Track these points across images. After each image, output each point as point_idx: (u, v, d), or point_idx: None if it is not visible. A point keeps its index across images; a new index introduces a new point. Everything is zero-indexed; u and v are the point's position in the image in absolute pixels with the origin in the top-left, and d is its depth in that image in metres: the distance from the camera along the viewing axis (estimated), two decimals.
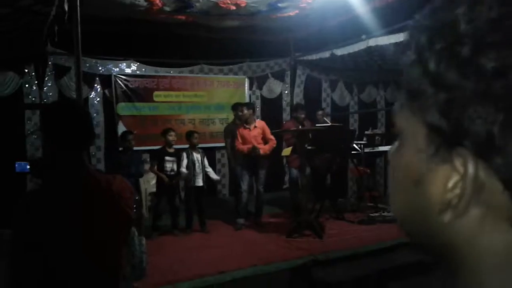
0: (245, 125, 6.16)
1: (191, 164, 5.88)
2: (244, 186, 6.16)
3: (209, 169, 6.13)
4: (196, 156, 5.97)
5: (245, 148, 6.03)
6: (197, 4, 6.74)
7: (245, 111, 6.17)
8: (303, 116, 6.67)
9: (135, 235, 2.06)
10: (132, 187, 1.84)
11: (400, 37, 6.68)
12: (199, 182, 5.96)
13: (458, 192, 0.37)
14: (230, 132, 6.47)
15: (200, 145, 6.19)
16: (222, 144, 7.39)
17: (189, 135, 6.06)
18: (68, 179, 1.62)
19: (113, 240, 1.68)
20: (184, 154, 5.95)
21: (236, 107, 6.53)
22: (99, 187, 1.64)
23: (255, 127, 6.20)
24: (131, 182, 2.26)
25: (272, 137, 6.23)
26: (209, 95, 8.03)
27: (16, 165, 4.94)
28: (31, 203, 1.54)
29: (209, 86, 8.06)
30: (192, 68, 8.08)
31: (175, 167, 5.91)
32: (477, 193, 0.36)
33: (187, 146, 6.20)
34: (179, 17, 7.01)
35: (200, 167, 5.96)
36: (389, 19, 6.80)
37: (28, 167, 4.74)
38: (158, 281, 3.87)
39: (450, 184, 0.37)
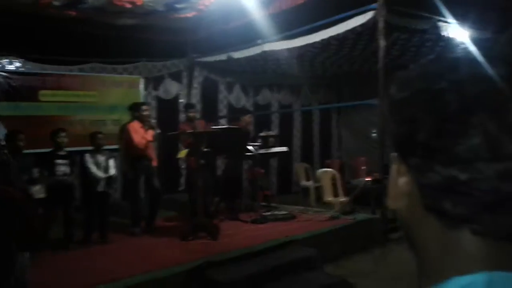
0: (142, 124, 6.02)
1: (95, 168, 5.58)
2: (141, 192, 6.04)
3: (113, 175, 5.80)
4: (101, 159, 5.66)
5: (143, 141, 5.88)
6: (90, 0, 6.46)
7: (148, 111, 6.13)
8: (193, 114, 6.78)
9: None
10: (22, 196, 1.73)
11: (292, 43, 7.03)
12: (101, 187, 5.63)
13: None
14: (123, 134, 6.27)
15: (89, 148, 5.87)
16: (115, 147, 7.15)
17: (93, 135, 5.76)
18: None
19: None
20: (88, 157, 5.62)
21: (138, 106, 6.33)
22: None
23: (150, 128, 6.10)
24: (22, 190, 2.11)
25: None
26: (101, 95, 7.71)
27: None
28: None
29: (101, 85, 7.74)
30: (83, 66, 7.70)
31: (68, 170, 5.54)
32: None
33: (78, 149, 5.91)
34: (70, 12, 6.67)
35: (103, 171, 5.65)
36: (283, 26, 7.11)
37: None
38: None
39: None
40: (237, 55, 7.79)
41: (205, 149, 6.09)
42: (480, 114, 0.45)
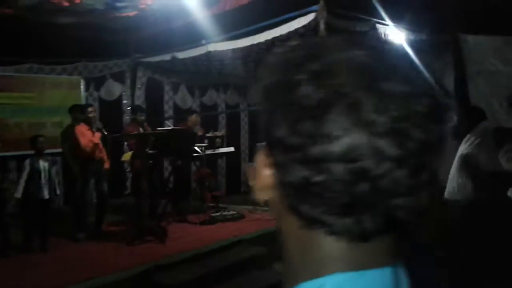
0: (89, 127, 5.83)
1: (35, 174, 5.29)
2: (88, 196, 5.84)
3: (56, 183, 5.57)
4: (43, 164, 5.39)
5: (90, 144, 5.68)
6: None
7: (94, 113, 5.92)
8: (143, 118, 6.62)
9: None
10: None
11: (236, 44, 7.04)
12: (45, 195, 5.35)
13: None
14: (68, 136, 6.02)
15: (28, 152, 5.61)
16: (55, 150, 6.87)
17: (33, 139, 5.47)
18: None
19: None
20: (27, 162, 5.33)
21: (83, 108, 6.10)
22: None
23: (97, 130, 5.92)
24: None
25: None
26: (39, 97, 7.36)
27: None
28: None
29: (39, 87, 7.39)
30: (19, 67, 7.33)
31: None
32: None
33: (15, 153, 5.68)
34: (4, 11, 6.35)
35: (47, 177, 5.38)
36: (227, 26, 7.11)
37: None
38: None
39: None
40: (181, 55, 7.70)
41: (151, 151, 6.00)
42: (335, 111, 0.42)
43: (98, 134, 5.86)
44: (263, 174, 0.50)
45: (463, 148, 3.11)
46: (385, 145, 0.42)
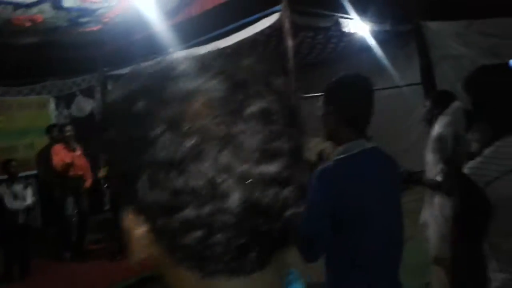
0: (66, 146, 5.77)
1: (10, 199, 5.21)
2: (68, 214, 5.78)
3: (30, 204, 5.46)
4: (17, 188, 5.32)
5: (60, 163, 5.60)
6: None
7: (71, 131, 5.88)
8: None
9: None
10: None
11: (200, 51, 6.99)
12: (21, 219, 5.28)
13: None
14: (45, 157, 5.94)
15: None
16: (30, 173, 6.75)
17: (6, 164, 5.39)
18: None
19: None
20: (2, 188, 5.26)
21: (57, 128, 6.10)
22: None
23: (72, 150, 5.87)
24: None
25: None
26: (8, 120, 7.22)
27: None
28: None
29: (7, 109, 7.26)
30: None
31: None
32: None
33: None
34: None
35: (23, 201, 5.32)
36: (194, 33, 7.09)
37: None
38: None
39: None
40: None
41: None
42: (209, 158, 0.39)
43: (73, 154, 5.81)
44: (137, 236, 0.46)
45: (435, 129, 3.17)
46: (266, 170, 0.40)
